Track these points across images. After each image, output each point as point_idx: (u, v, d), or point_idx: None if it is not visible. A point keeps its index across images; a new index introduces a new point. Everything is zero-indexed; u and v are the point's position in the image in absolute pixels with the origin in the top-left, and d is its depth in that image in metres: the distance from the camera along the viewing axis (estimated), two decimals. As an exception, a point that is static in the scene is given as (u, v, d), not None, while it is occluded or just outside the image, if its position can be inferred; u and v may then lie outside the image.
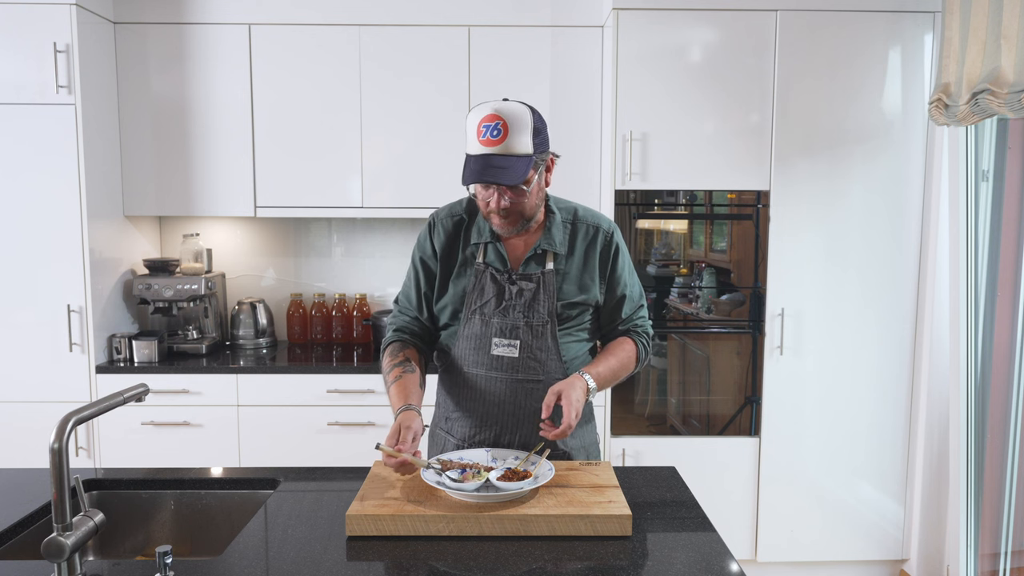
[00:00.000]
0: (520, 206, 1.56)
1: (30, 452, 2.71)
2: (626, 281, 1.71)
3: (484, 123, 1.48)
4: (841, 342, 2.91)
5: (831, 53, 2.80)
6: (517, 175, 1.48)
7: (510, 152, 1.48)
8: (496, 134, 1.47)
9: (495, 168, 1.47)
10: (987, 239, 2.71)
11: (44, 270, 2.80)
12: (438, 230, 1.69)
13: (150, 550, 1.63)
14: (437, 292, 1.68)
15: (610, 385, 1.68)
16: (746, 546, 2.99)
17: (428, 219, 1.73)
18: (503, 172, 1.47)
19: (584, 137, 3.04)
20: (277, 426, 2.87)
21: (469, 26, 2.99)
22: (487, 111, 1.49)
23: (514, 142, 1.48)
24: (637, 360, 1.71)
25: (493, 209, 1.56)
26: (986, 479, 2.76)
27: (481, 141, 1.48)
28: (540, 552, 1.29)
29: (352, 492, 1.48)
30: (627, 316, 1.73)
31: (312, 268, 3.47)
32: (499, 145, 1.47)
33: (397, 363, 1.63)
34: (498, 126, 1.47)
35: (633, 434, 2.96)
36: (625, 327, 1.73)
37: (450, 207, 1.73)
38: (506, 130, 1.47)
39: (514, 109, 1.50)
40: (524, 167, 1.49)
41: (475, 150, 1.50)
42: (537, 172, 1.55)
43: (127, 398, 1.30)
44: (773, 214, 2.86)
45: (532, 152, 1.51)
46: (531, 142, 1.50)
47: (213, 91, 3.02)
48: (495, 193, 1.54)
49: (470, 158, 1.51)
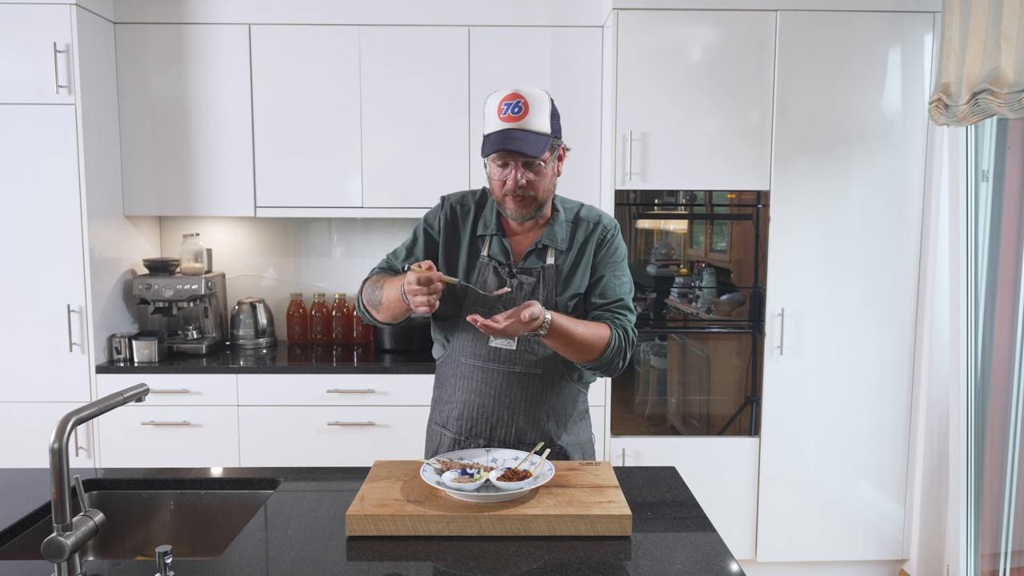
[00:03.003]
0: (535, 187, 1.59)
1: (30, 452, 2.71)
2: (610, 269, 1.67)
3: (506, 101, 1.54)
4: (841, 342, 2.91)
5: (831, 53, 2.80)
6: (537, 148, 1.54)
7: (530, 128, 1.54)
8: (517, 111, 1.53)
9: (516, 139, 1.53)
10: (987, 239, 2.71)
11: (44, 270, 2.80)
12: (447, 209, 1.73)
13: (150, 550, 1.63)
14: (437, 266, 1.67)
15: (566, 344, 1.53)
16: (746, 546, 2.99)
17: (440, 199, 1.76)
18: (523, 143, 1.52)
19: (584, 137, 3.04)
20: (277, 426, 2.87)
21: (469, 26, 2.99)
22: (509, 91, 1.56)
23: (534, 119, 1.54)
24: (608, 346, 1.57)
25: (510, 188, 1.58)
26: (986, 479, 2.76)
27: (502, 118, 1.54)
28: (540, 552, 1.29)
29: (352, 492, 1.48)
30: (603, 303, 1.65)
31: (312, 268, 3.47)
32: (520, 121, 1.53)
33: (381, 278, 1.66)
34: (519, 104, 1.54)
35: (633, 434, 2.97)
36: (600, 312, 1.64)
37: (463, 194, 1.77)
38: (527, 108, 1.54)
39: (534, 91, 1.57)
40: (543, 143, 1.55)
41: (495, 127, 1.55)
42: (553, 155, 1.61)
43: (127, 398, 1.30)
44: (773, 214, 2.86)
45: (550, 132, 1.57)
46: (549, 123, 1.57)
47: (213, 91, 3.02)
48: (512, 171, 1.57)
49: (489, 136, 1.55)
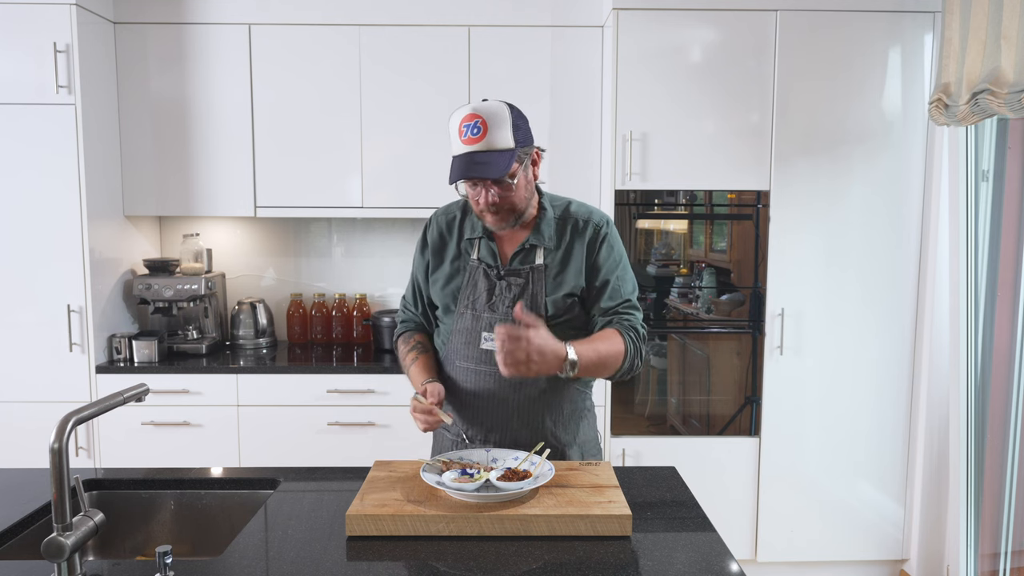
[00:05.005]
0: (509, 200, 1.58)
1: (30, 452, 2.71)
2: (611, 271, 1.66)
3: (464, 123, 1.52)
4: (841, 342, 2.91)
5: (831, 53, 2.80)
6: (500, 168, 1.52)
7: (491, 148, 1.52)
8: (476, 132, 1.51)
9: (478, 164, 1.52)
10: (987, 239, 2.71)
11: (44, 270, 2.80)
12: (432, 227, 1.77)
13: (150, 550, 1.63)
14: (429, 284, 1.74)
15: (594, 372, 1.56)
16: (746, 546, 2.99)
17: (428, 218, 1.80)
18: (486, 167, 1.51)
19: (584, 137, 3.04)
20: (277, 426, 2.87)
21: (469, 26, 2.99)
22: (466, 111, 1.54)
23: (494, 138, 1.52)
24: (625, 355, 1.58)
25: (483, 207, 1.59)
26: (986, 479, 2.76)
27: (463, 140, 1.53)
28: (540, 552, 1.29)
29: (352, 492, 1.48)
30: (610, 307, 1.64)
31: (312, 268, 3.47)
32: (480, 142, 1.52)
33: (411, 347, 1.76)
34: (477, 124, 1.51)
35: (633, 434, 2.96)
36: (608, 318, 1.64)
37: (447, 206, 1.79)
38: (485, 127, 1.51)
39: (491, 107, 1.54)
40: (507, 161, 1.53)
41: (458, 150, 1.55)
42: (522, 165, 1.59)
43: (127, 398, 1.30)
44: (773, 214, 2.86)
45: (513, 146, 1.54)
46: (511, 136, 1.54)
47: (213, 91, 3.02)
48: (482, 190, 1.57)
49: (455, 159, 1.55)
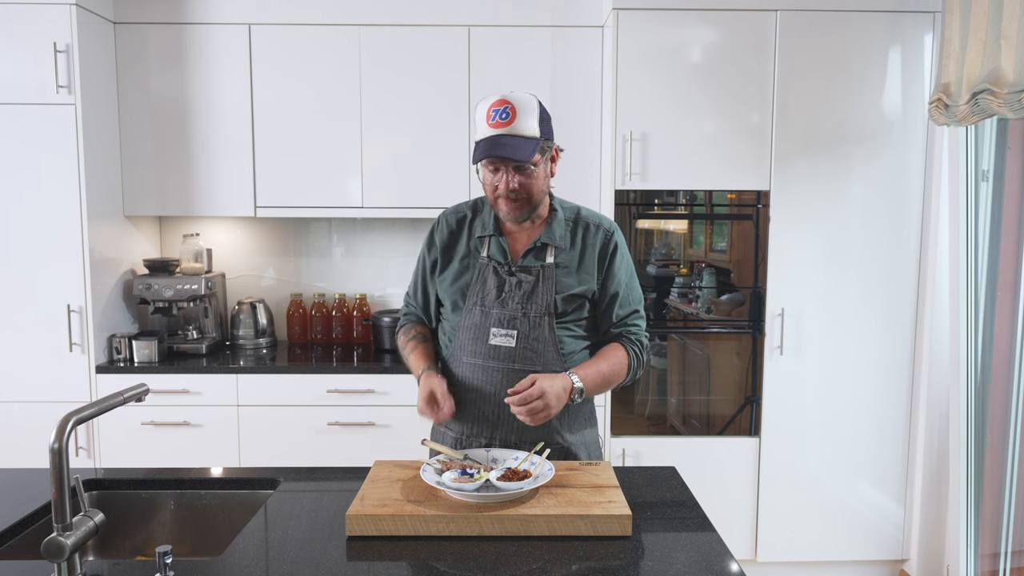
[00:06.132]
0: (527, 189, 1.62)
1: (30, 452, 2.71)
2: (622, 281, 1.72)
3: (494, 107, 1.58)
4: (841, 342, 2.91)
5: (831, 53, 2.80)
6: (526, 153, 1.57)
7: (518, 133, 1.57)
8: (505, 116, 1.56)
9: (504, 145, 1.56)
10: (987, 239, 2.71)
11: (44, 270, 2.80)
12: (442, 226, 1.78)
13: (150, 550, 1.63)
14: (438, 281, 1.76)
15: (600, 390, 1.67)
16: (746, 546, 2.99)
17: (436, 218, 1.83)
18: (513, 149, 1.56)
19: (584, 137, 3.04)
20: (277, 426, 2.87)
21: (469, 26, 2.99)
22: (496, 97, 1.59)
23: (522, 124, 1.57)
24: (629, 368, 1.70)
25: (502, 192, 1.62)
26: (986, 479, 2.76)
27: (491, 124, 1.57)
28: (540, 552, 1.29)
29: (352, 492, 1.48)
30: (619, 318, 1.72)
31: (312, 268, 3.47)
32: (508, 126, 1.56)
33: (410, 337, 1.80)
34: (507, 109, 1.56)
35: (633, 434, 2.96)
36: (617, 330, 1.73)
37: (456, 206, 1.82)
38: (514, 113, 1.56)
39: (521, 96, 1.60)
40: (532, 147, 1.58)
41: (484, 133, 1.58)
42: (543, 157, 1.63)
43: (127, 398, 1.30)
44: (773, 214, 2.86)
45: (539, 136, 1.59)
46: (538, 127, 1.59)
47: (213, 91, 3.02)
48: (503, 175, 1.61)
49: (480, 142, 1.59)
